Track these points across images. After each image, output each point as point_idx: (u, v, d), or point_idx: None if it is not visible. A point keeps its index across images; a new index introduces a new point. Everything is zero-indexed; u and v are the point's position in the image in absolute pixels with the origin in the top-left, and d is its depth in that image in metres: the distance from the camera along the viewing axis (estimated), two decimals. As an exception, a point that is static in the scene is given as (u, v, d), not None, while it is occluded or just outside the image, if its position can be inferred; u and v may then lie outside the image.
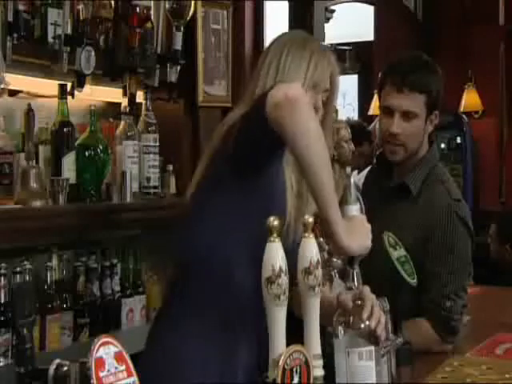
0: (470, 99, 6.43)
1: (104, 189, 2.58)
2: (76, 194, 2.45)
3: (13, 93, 2.43)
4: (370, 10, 7.04)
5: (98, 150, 2.55)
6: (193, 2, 2.77)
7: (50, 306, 2.31)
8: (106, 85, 2.69)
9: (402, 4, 6.79)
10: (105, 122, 2.73)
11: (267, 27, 6.92)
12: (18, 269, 2.16)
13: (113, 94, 2.74)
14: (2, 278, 2.09)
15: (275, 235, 1.46)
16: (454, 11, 6.59)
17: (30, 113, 2.32)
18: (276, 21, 5.68)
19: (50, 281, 2.37)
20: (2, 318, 1.96)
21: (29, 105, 2.33)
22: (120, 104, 2.72)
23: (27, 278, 2.20)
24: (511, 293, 3.49)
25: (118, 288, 2.66)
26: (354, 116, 6.72)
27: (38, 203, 2.27)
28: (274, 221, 1.46)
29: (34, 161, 2.37)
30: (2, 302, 2.04)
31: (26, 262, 2.26)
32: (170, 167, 2.89)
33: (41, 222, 2.29)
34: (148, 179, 2.73)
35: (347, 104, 6.83)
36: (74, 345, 2.42)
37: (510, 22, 6.58)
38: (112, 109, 2.82)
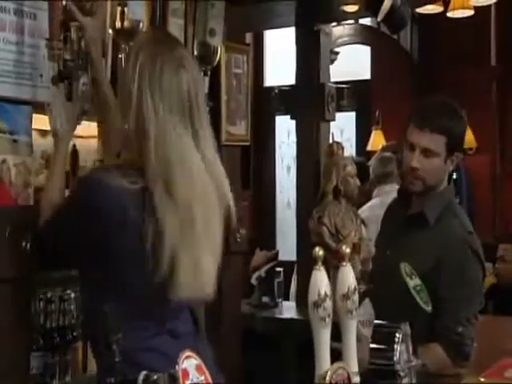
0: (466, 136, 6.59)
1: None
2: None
3: (56, 134, 2.60)
4: (366, 50, 7.30)
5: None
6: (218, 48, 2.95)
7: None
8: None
9: (398, 44, 7.04)
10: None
11: (272, 67, 7.19)
12: (66, 296, 2.33)
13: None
14: (53, 305, 2.27)
15: (320, 264, 1.66)
16: (448, 52, 6.83)
17: (75, 153, 2.50)
18: (282, 60, 5.89)
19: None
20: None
21: (74, 145, 2.50)
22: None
23: (72, 306, 2.37)
24: (508, 322, 3.63)
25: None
26: (352, 152, 6.91)
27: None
28: (319, 251, 1.66)
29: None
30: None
31: (68, 291, 2.42)
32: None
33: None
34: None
35: (345, 140, 7.03)
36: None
37: (501, 63, 6.84)
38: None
